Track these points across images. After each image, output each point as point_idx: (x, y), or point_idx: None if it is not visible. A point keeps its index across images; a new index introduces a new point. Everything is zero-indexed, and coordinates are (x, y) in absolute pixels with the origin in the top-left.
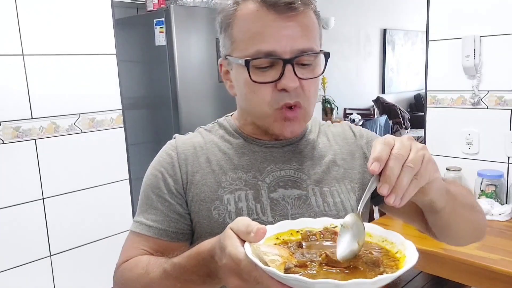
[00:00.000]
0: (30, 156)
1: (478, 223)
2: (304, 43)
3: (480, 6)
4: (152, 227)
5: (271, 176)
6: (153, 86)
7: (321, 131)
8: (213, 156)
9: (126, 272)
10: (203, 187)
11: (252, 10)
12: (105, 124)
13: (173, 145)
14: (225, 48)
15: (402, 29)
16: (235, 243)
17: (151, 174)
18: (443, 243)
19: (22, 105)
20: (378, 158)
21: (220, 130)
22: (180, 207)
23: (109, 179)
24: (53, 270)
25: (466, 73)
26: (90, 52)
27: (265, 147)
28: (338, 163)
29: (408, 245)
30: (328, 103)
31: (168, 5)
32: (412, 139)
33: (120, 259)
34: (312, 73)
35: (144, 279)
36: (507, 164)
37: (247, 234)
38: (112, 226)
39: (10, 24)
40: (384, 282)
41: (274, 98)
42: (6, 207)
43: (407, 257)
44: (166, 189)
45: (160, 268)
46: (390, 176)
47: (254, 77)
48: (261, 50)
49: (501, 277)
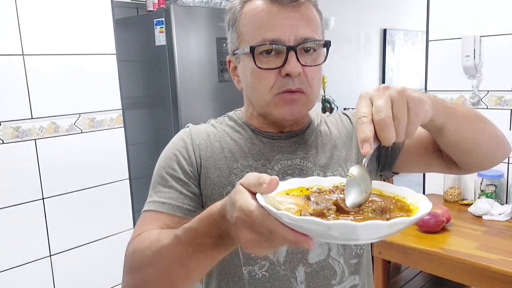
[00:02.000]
0: (30, 156)
1: (492, 133)
2: (307, 32)
3: (480, 6)
4: (165, 204)
5: (279, 164)
6: (153, 86)
7: (322, 121)
8: (225, 144)
9: (138, 243)
10: (216, 171)
11: (257, 5)
12: (105, 124)
13: (187, 131)
14: (232, 44)
15: (402, 29)
16: (245, 197)
17: (165, 157)
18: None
19: (22, 105)
20: (365, 139)
21: (230, 122)
22: (194, 187)
23: (109, 179)
24: (53, 270)
25: (466, 73)
26: (90, 52)
27: (272, 138)
28: (339, 147)
29: (421, 198)
30: (328, 103)
31: (168, 5)
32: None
33: (133, 236)
34: (315, 61)
35: (155, 246)
36: (507, 164)
37: (259, 185)
38: (112, 226)
39: (10, 24)
40: (399, 226)
41: (277, 84)
42: (6, 207)
43: (419, 208)
44: (180, 170)
45: (171, 235)
46: (386, 138)
47: (259, 63)
48: (266, 38)
49: (501, 277)
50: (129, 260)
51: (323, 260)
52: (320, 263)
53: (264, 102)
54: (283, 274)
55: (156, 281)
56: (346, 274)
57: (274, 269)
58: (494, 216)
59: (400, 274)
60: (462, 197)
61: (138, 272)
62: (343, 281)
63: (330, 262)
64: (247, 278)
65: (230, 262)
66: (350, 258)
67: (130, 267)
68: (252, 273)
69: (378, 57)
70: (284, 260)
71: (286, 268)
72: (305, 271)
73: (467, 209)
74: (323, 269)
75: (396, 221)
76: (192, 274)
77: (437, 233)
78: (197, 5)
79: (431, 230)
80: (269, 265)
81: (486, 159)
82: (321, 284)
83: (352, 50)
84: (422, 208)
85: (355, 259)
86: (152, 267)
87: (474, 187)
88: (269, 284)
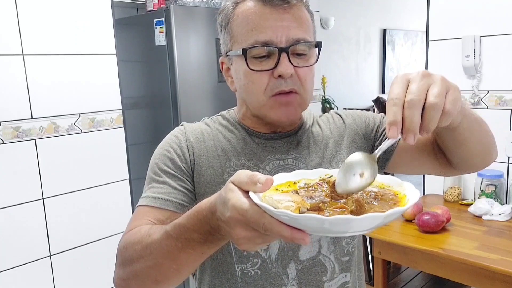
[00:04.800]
0: (30, 156)
1: (491, 135)
2: (299, 33)
3: (480, 6)
4: (158, 199)
5: (271, 164)
6: (153, 86)
7: (314, 122)
8: (219, 143)
9: (129, 237)
10: (209, 169)
11: (249, 7)
12: (105, 124)
13: (181, 129)
14: (225, 45)
15: (402, 29)
16: (237, 195)
17: (159, 153)
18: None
19: (22, 105)
20: (393, 123)
21: (223, 121)
22: (188, 183)
23: (109, 179)
24: (53, 270)
25: (466, 73)
26: (90, 52)
27: (265, 139)
28: (330, 146)
29: (407, 186)
30: (328, 103)
31: (168, 5)
32: (427, 75)
33: (126, 230)
34: (307, 62)
35: (146, 241)
36: (507, 164)
37: (252, 184)
38: (112, 226)
39: (10, 24)
40: (395, 216)
41: (270, 86)
42: (6, 207)
43: (407, 196)
44: (174, 166)
45: (162, 230)
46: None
47: (252, 65)
48: (258, 40)
49: (501, 277)
50: (121, 254)
51: (314, 257)
52: (311, 260)
53: (259, 104)
54: (275, 271)
55: (146, 274)
56: (337, 271)
57: (266, 266)
58: (494, 216)
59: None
60: (462, 197)
61: (128, 266)
62: (334, 278)
63: (321, 259)
64: (239, 275)
65: (223, 260)
66: (341, 255)
67: (121, 261)
68: (244, 270)
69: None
70: (275, 257)
71: (278, 265)
72: (297, 268)
73: (467, 209)
74: (314, 266)
75: (393, 211)
76: (182, 269)
77: (437, 233)
78: (197, 5)
79: (431, 230)
80: (261, 262)
81: (483, 159)
82: (312, 281)
83: (352, 50)
84: (410, 196)
85: (346, 257)
86: (143, 261)
87: (474, 187)
88: (261, 281)
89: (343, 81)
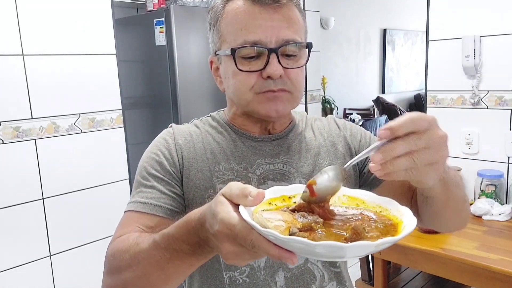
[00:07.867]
0: (30, 156)
1: (467, 200)
2: (289, 34)
3: (480, 6)
4: (147, 204)
5: (261, 168)
6: (153, 86)
7: (308, 125)
8: (208, 145)
9: (117, 245)
10: (198, 173)
11: (239, 5)
12: (105, 124)
13: (170, 131)
14: (214, 44)
15: (402, 29)
16: (227, 209)
17: (147, 157)
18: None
19: (22, 105)
20: (393, 129)
21: (213, 122)
22: (177, 187)
23: (109, 179)
24: (53, 270)
25: (466, 73)
26: (90, 52)
27: (254, 141)
28: (322, 155)
29: (404, 211)
30: (328, 103)
31: (168, 5)
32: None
33: (114, 237)
34: (297, 63)
35: (133, 250)
36: (507, 164)
37: (243, 197)
38: (112, 226)
39: (10, 24)
40: (386, 245)
41: (258, 85)
42: (6, 207)
43: (403, 222)
44: (162, 170)
45: (150, 239)
46: (389, 152)
47: (240, 66)
48: (248, 40)
49: (501, 277)
50: (109, 262)
51: (302, 265)
52: (300, 268)
53: (246, 101)
54: (263, 279)
55: (134, 284)
56: (326, 279)
57: (255, 274)
58: (494, 216)
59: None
60: None
61: (116, 274)
62: (323, 286)
63: (310, 267)
64: (227, 283)
65: (211, 267)
66: (329, 263)
67: (109, 269)
68: (232, 278)
69: (378, 57)
70: (264, 265)
71: (267, 273)
72: (285, 276)
73: None
74: (303, 273)
75: (384, 240)
76: (170, 279)
77: (437, 233)
78: (197, 5)
79: (431, 230)
80: (250, 270)
81: (455, 225)
82: None
83: (352, 50)
84: (407, 223)
85: (335, 265)
86: (131, 270)
87: (474, 187)
88: None
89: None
